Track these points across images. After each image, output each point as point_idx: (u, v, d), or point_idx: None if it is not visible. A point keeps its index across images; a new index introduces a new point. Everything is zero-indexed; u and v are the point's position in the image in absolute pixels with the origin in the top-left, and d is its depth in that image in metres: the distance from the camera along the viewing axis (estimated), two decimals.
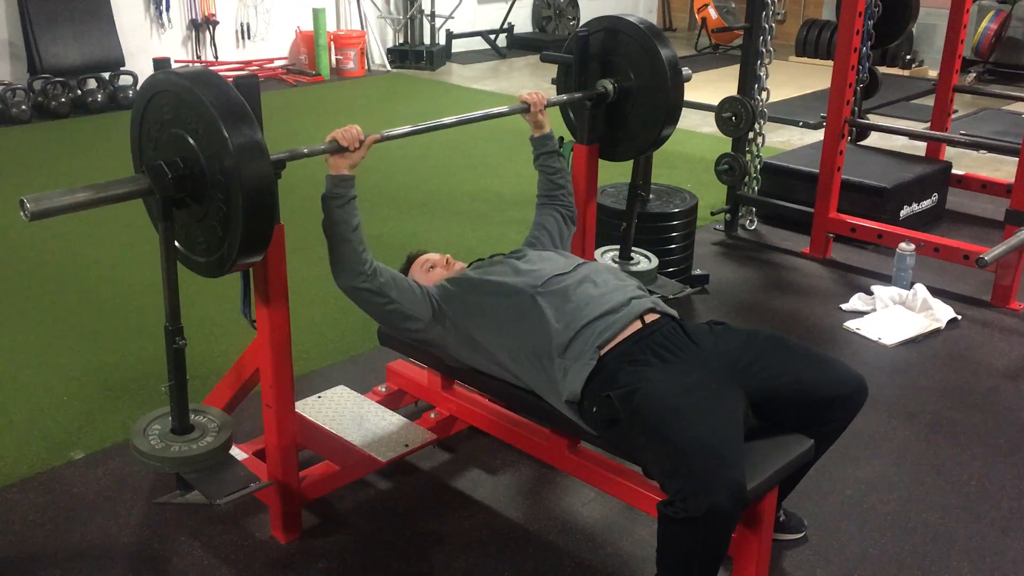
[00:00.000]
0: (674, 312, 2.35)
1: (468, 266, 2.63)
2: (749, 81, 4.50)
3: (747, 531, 2.09)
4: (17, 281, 4.06)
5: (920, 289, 3.86)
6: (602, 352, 2.17)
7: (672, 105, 2.95)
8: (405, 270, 2.67)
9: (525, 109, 2.77)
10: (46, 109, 6.94)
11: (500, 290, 2.35)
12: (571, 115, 3.15)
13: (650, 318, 2.27)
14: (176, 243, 2.11)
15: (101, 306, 3.82)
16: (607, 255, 3.42)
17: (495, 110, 2.80)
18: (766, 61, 4.49)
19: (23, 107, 6.79)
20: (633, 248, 3.41)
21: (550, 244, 2.71)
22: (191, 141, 1.95)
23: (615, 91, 2.99)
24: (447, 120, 2.67)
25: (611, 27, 2.98)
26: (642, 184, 3.48)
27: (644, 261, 3.39)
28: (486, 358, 2.35)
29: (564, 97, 3.00)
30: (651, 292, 3.43)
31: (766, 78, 4.53)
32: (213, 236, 2.02)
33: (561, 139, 3.06)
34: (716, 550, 1.87)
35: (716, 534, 1.83)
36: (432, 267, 2.64)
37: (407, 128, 2.52)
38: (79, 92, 7.12)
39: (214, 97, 1.89)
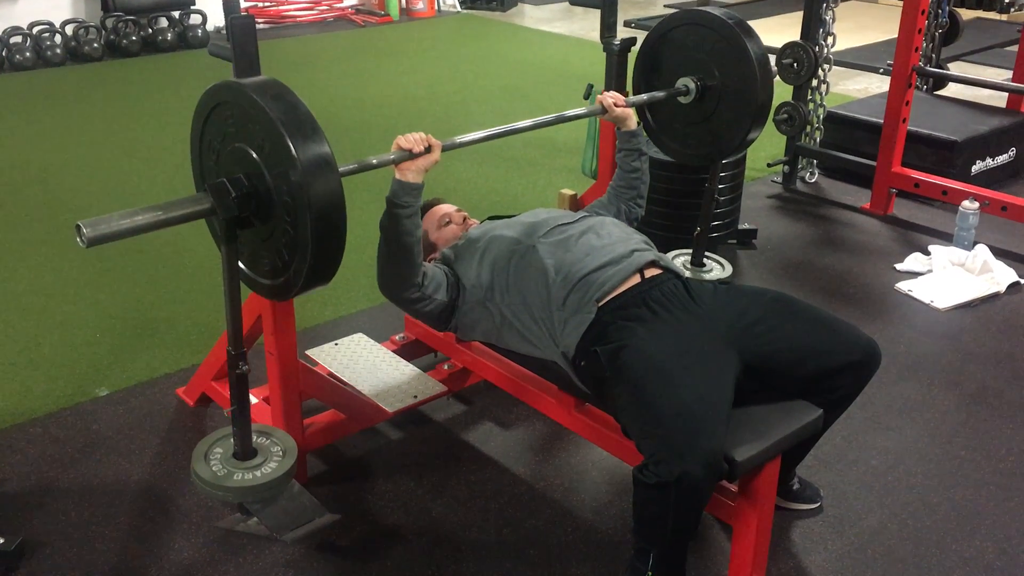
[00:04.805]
0: (680, 270, 2.25)
1: (480, 222, 2.56)
2: (813, 25, 4.27)
3: (745, 501, 2.01)
4: (73, 217, 4.15)
5: (981, 250, 3.64)
6: (599, 304, 2.09)
7: (761, 105, 2.82)
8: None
9: (601, 112, 2.69)
10: (117, 47, 7.06)
11: (503, 245, 2.28)
12: (649, 116, 3.05)
13: (651, 272, 2.17)
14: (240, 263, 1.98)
15: (146, 246, 3.88)
16: (678, 259, 3.24)
17: (568, 113, 2.68)
18: (832, 4, 4.25)
19: (95, 45, 6.93)
20: (707, 254, 3.24)
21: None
22: (255, 156, 1.81)
23: (697, 90, 2.87)
24: (520, 124, 2.58)
25: (695, 22, 2.86)
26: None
27: (717, 268, 3.23)
28: (492, 322, 2.29)
29: (644, 97, 2.90)
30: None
31: (832, 22, 4.30)
32: (279, 259, 1.88)
33: (590, 86, 2.95)
34: (688, 517, 1.81)
35: (687, 502, 1.77)
36: (448, 222, 2.57)
37: (480, 133, 2.44)
38: (150, 31, 7.21)
39: (282, 113, 1.73)
